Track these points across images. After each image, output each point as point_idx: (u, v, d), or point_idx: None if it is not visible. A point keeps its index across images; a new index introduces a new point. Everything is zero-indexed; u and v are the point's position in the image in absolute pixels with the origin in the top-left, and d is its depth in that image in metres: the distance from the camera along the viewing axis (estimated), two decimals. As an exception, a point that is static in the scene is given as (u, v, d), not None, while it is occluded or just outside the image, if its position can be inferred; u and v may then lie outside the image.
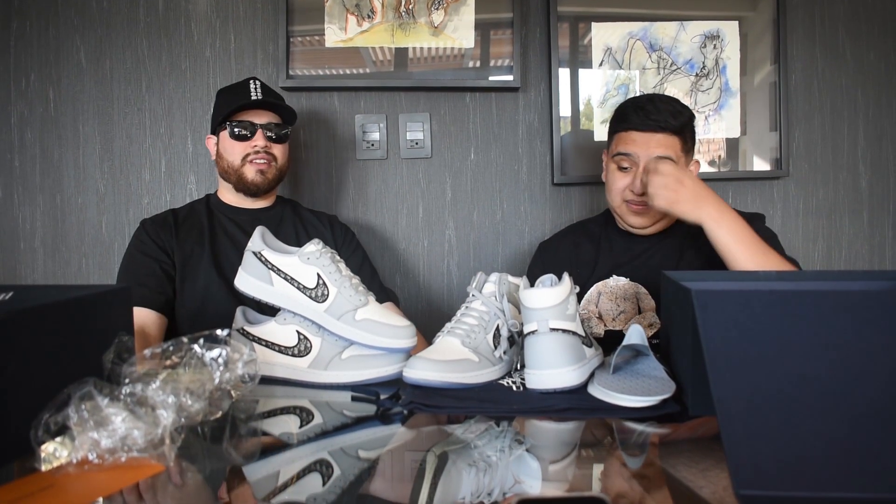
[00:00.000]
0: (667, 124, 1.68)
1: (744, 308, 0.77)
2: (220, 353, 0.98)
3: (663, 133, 1.69)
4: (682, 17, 2.34)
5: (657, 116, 1.69)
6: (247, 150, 1.83)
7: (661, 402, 1.04)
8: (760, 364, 0.74)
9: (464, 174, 2.38)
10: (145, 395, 0.86)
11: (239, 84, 1.89)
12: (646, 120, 1.69)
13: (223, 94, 1.91)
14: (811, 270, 1.74)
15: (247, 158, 1.83)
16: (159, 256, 1.75)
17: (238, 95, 1.84)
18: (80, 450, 0.80)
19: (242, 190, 1.87)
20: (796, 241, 2.41)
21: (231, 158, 1.85)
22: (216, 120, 1.88)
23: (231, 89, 1.89)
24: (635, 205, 1.73)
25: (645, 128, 1.70)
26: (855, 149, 2.42)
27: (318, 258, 1.28)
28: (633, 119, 1.72)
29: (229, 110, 1.81)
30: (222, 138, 1.87)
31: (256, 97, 1.83)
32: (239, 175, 1.84)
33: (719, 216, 1.52)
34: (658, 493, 0.76)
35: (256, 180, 1.84)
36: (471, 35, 2.29)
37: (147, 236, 1.78)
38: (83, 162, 2.28)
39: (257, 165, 1.84)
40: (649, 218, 1.74)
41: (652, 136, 1.69)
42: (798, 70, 2.40)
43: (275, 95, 1.92)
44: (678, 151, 1.69)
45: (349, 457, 0.91)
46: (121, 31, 2.27)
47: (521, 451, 0.90)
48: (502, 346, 1.24)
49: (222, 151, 1.87)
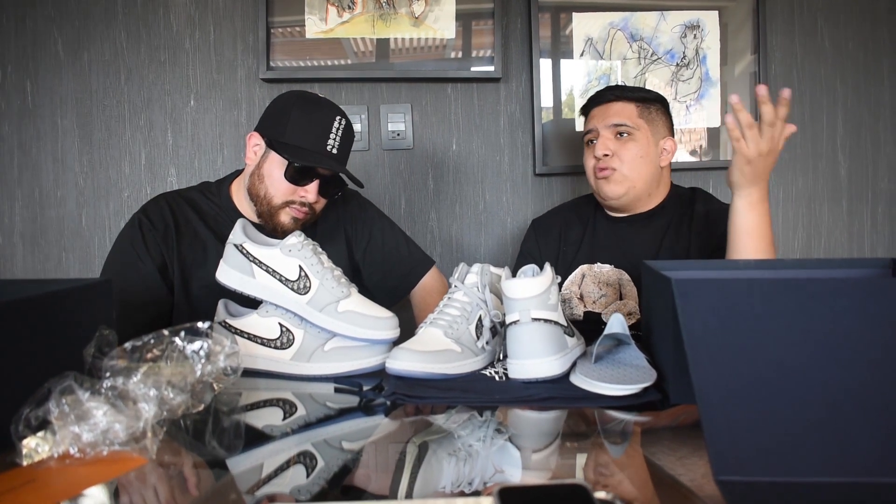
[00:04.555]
0: (621, 94, 1.78)
1: (723, 296, 0.77)
2: (202, 345, 0.97)
3: (618, 101, 1.78)
4: (663, 7, 2.35)
5: (612, 91, 1.81)
6: (294, 196, 1.60)
7: (643, 390, 1.05)
8: (740, 352, 0.75)
9: (446, 165, 2.38)
10: (126, 388, 0.86)
11: (323, 114, 1.60)
12: (603, 94, 1.82)
13: (301, 113, 1.60)
14: (791, 259, 1.75)
15: (289, 203, 1.61)
16: (156, 284, 1.57)
17: (318, 133, 1.58)
18: (62, 444, 0.79)
19: (266, 224, 1.64)
20: (776, 230, 2.43)
21: (273, 192, 1.60)
22: (276, 133, 1.60)
23: (312, 115, 1.60)
24: (600, 169, 1.77)
25: (601, 100, 1.81)
26: (834, 138, 2.44)
27: (300, 250, 1.27)
28: (593, 98, 1.85)
29: (301, 151, 1.57)
30: (272, 161, 1.60)
31: (333, 150, 1.60)
32: (272, 213, 1.61)
33: (758, 203, 1.46)
34: (638, 480, 0.77)
35: (288, 227, 1.61)
36: (452, 25, 2.28)
37: (146, 251, 1.58)
38: (62, 155, 2.26)
39: (295, 213, 1.62)
40: (617, 185, 1.76)
41: (608, 107, 1.79)
42: (777, 60, 2.42)
43: (349, 141, 1.66)
44: (634, 118, 1.76)
45: (333, 448, 0.91)
46: (99, 23, 2.25)
47: (502, 441, 0.90)
48: (485, 336, 1.25)
49: (265, 175, 1.60)
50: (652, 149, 1.75)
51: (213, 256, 1.59)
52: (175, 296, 1.61)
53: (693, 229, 1.73)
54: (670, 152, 1.79)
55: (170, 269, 1.61)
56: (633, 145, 1.74)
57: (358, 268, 1.82)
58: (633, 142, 1.74)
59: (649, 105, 1.77)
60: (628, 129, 1.74)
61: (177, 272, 1.61)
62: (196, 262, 1.63)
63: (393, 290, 1.84)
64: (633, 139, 1.74)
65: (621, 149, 1.74)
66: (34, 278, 2.07)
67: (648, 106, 1.77)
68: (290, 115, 1.59)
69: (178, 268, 1.61)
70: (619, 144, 1.74)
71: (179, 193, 1.72)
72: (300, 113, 1.59)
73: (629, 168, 1.73)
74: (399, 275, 1.83)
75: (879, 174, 2.46)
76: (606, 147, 1.74)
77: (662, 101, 1.82)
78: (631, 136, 1.74)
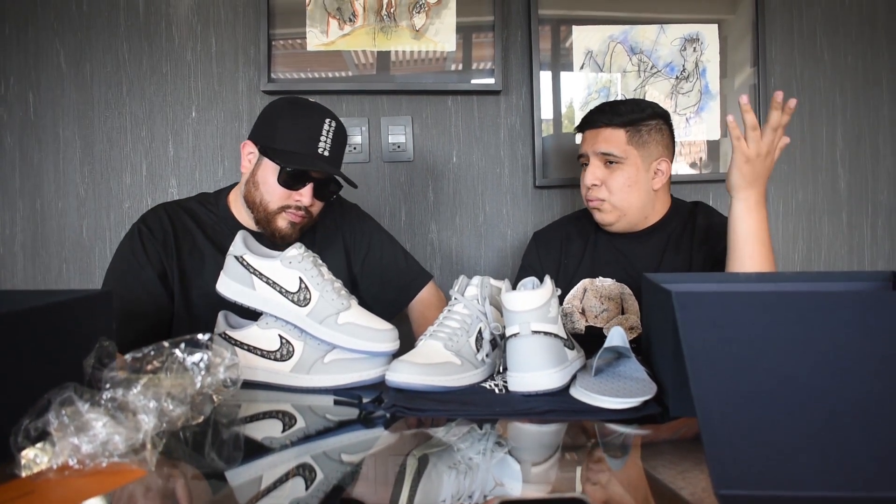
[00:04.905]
0: (609, 120, 1.73)
1: (724, 309, 0.77)
2: (202, 357, 0.97)
3: (607, 127, 1.73)
4: (662, 21, 2.35)
5: (601, 115, 1.75)
6: (289, 200, 1.62)
7: (643, 403, 1.04)
8: (740, 365, 0.75)
9: (446, 177, 2.38)
10: (126, 399, 0.86)
11: (312, 118, 1.63)
12: (593, 116, 1.77)
13: (291, 118, 1.63)
14: (791, 272, 1.75)
15: (285, 208, 1.63)
16: (156, 290, 1.58)
17: (308, 136, 1.60)
18: (61, 455, 0.79)
19: (264, 230, 1.66)
20: (776, 243, 2.43)
21: (268, 198, 1.62)
22: (267, 139, 1.62)
23: (301, 120, 1.62)
24: (588, 200, 1.77)
25: (592, 124, 1.77)
26: (834, 150, 2.45)
27: (301, 262, 1.27)
28: (586, 119, 1.80)
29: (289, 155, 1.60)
30: (265, 167, 1.62)
31: (324, 152, 1.62)
32: (269, 219, 1.63)
33: (756, 207, 1.49)
34: (639, 494, 0.76)
35: (286, 232, 1.64)
36: (452, 38, 2.29)
37: (146, 258, 1.59)
38: (63, 166, 2.27)
39: (292, 217, 1.63)
40: (607, 214, 1.76)
41: (598, 132, 1.75)
42: (777, 73, 2.42)
43: (341, 143, 1.68)
44: (622, 145, 1.71)
45: (332, 461, 0.91)
46: (101, 35, 2.26)
47: (502, 454, 0.90)
48: (485, 349, 1.25)
49: (260, 182, 1.63)
50: (643, 175, 1.72)
51: (212, 265, 1.61)
52: (175, 304, 1.61)
53: (694, 243, 1.73)
54: (665, 173, 1.76)
55: (169, 276, 1.61)
56: (621, 174, 1.71)
57: (356, 280, 1.82)
58: (620, 171, 1.71)
59: (641, 127, 1.72)
60: (616, 158, 1.70)
61: (176, 280, 1.61)
62: (195, 271, 1.64)
63: (391, 303, 1.84)
64: (622, 167, 1.71)
65: (609, 178, 1.72)
66: (34, 289, 2.07)
67: (640, 129, 1.72)
68: (280, 120, 1.62)
69: (177, 275, 1.62)
70: (608, 173, 1.72)
71: (178, 203, 1.74)
72: (290, 118, 1.62)
73: (618, 198, 1.72)
74: (397, 287, 1.84)
75: (879, 186, 2.46)
76: (595, 176, 1.73)
77: (662, 115, 1.77)
78: (619, 165, 1.71)
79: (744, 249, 1.49)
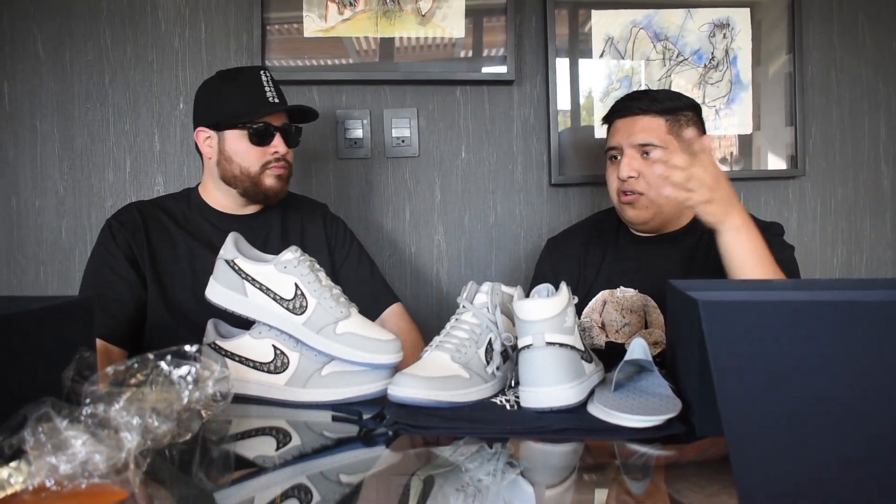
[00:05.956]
0: (649, 107, 1.73)
1: (754, 320, 0.77)
2: (190, 370, 0.97)
3: (645, 115, 1.73)
4: (690, 4, 2.35)
5: (637, 102, 1.75)
6: (266, 156, 1.77)
7: (667, 421, 1.04)
8: (772, 381, 0.75)
9: (454, 174, 2.38)
10: (108, 415, 0.86)
11: (247, 76, 1.80)
12: (628, 104, 1.77)
13: (230, 86, 1.79)
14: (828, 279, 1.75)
15: (266, 165, 1.77)
16: (128, 275, 1.70)
17: (253, 92, 1.77)
18: (37, 476, 0.79)
19: (254, 198, 1.82)
20: (813, 246, 2.43)
21: (247, 164, 1.76)
22: (220, 115, 1.78)
23: (239, 82, 1.79)
24: (623, 193, 1.76)
25: (627, 112, 1.76)
26: (876, 145, 2.44)
27: (296, 267, 1.28)
28: (617, 108, 1.80)
29: (249, 112, 1.75)
30: (231, 139, 1.77)
31: (274, 99, 1.78)
32: (256, 182, 1.78)
33: (743, 226, 1.47)
34: (662, 520, 0.76)
35: (276, 187, 1.80)
36: (461, 23, 2.29)
37: (116, 246, 1.72)
38: (41, 162, 2.28)
39: (276, 171, 1.79)
40: (643, 210, 1.75)
41: (634, 121, 1.74)
42: (815, 60, 2.42)
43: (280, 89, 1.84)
44: (662, 134, 1.72)
45: (329, 482, 0.91)
46: (81, 20, 2.27)
47: (514, 475, 0.90)
48: (495, 361, 1.25)
49: (231, 154, 1.77)
50: None
51: (184, 252, 1.78)
52: (148, 292, 1.72)
53: None
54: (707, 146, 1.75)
55: (140, 262, 1.73)
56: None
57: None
58: None
59: (679, 117, 1.73)
60: (657, 147, 1.68)
61: (147, 266, 1.73)
62: (167, 257, 1.76)
63: None
64: None
65: (648, 170, 1.69)
66: (9, 295, 2.08)
67: (679, 118, 1.73)
68: (221, 93, 1.80)
69: (148, 262, 1.73)
70: (646, 165, 1.70)
71: (150, 200, 1.89)
72: (228, 87, 1.79)
73: (657, 192, 1.71)
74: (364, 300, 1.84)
75: (926, 185, 2.45)
76: (632, 168, 1.71)
77: (695, 107, 1.78)
78: None
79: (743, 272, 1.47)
